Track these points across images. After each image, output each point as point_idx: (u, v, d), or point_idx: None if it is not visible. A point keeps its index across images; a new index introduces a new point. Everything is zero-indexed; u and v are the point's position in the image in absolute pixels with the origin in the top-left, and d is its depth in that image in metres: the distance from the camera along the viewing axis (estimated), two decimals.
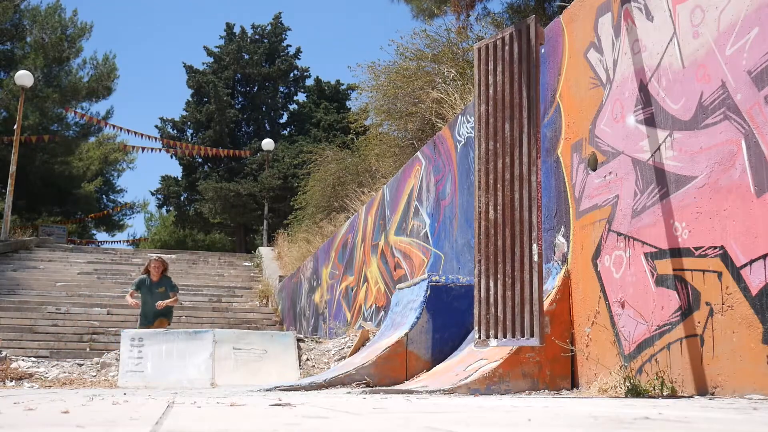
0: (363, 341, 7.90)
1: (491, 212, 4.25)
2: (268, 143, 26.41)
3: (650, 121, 4.10)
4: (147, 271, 9.67)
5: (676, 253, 3.81)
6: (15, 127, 20.95)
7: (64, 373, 8.29)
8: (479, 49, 4.49)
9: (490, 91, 4.38)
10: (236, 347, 8.53)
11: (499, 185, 4.24)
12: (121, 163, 35.92)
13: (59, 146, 29.74)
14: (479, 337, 4.26)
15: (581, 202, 4.74)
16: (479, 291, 4.27)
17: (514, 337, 4.05)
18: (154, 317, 9.43)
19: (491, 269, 4.21)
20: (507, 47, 4.33)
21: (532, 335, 3.96)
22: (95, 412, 2.51)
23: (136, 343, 8.40)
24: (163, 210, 39.30)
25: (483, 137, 4.37)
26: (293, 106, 35.11)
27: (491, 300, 4.19)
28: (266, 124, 34.50)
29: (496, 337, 4.15)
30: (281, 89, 34.83)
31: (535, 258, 3.98)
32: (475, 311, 4.28)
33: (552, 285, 4.84)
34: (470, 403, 3.16)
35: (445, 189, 7.48)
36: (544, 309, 4.09)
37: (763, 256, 3.25)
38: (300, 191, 18.16)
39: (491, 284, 4.20)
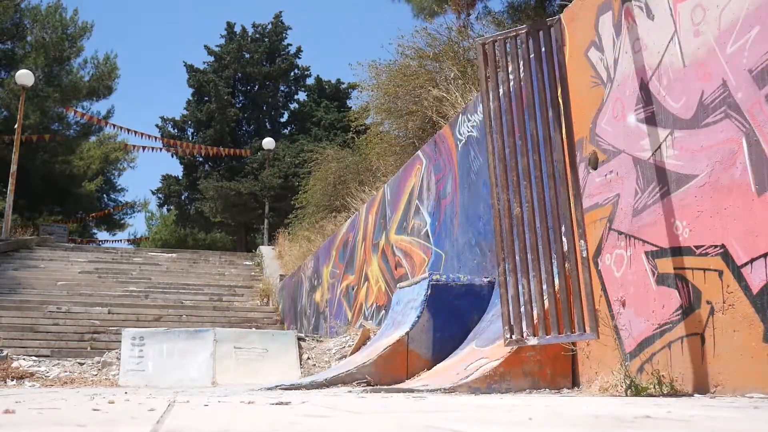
0: (364, 340, 7.90)
1: (516, 209, 4.19)
2: (268, 142, 26.40)
3: (651, 120, 4.09)
4: None
5: (677, 251, 3.81)
6: (16, 126, 20.95)
7: (65, 372, 8.29)
8: (484, 45, 4.46)
9: (503, 88, 4.34)
10: (237, 346, 8.53)
11: (524, 182, 4.18)
12: (122, 163, 35.89)
13: (60, 145, 29.75)
14: (511, 337, 4.16)
15: (582, 200, 4.73)
16: (506, 290, 4.19)
17: (561, 333, 3.97)
18: None
19: (521, 267, 4.14)
20: (524, 45, 4.29)
21: (585, 330, 3.89)
22: (96, 411, 2.51)
23: (137, 342, 8.41)
24: (164, 209, 39.31)
25: (498, 134, 4.31)
26: (294, 105, 35.11)
27: (525, 298, 4.10)
28: (267, 123, 34.50)
29: (535, 335, 4.06)
30: (282, 88, 34.83)
31: (584, 253, 3.92)
32: (503, 311, 4.18)
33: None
34: (471, 402, 3.16)
35: (445, 188, 7.48)
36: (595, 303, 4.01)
37: (764, 255, 3.25)
38: (301, 190, 18.15)
39: (523, 282, 4.12)
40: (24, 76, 20.82)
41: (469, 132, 6.92)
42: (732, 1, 3.54)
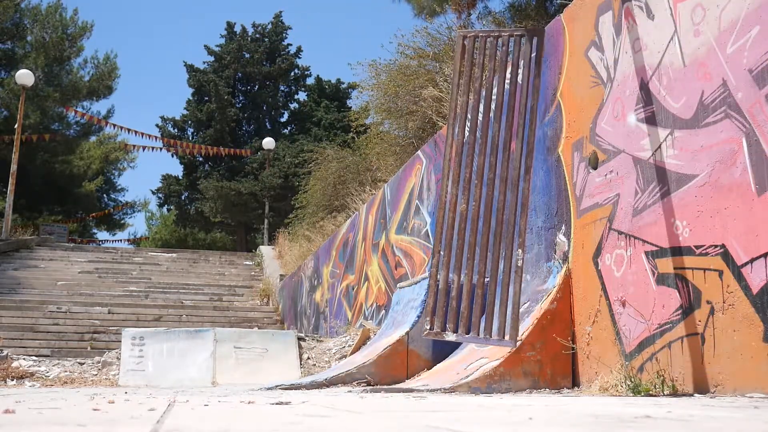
0: (364, 340, 7.90)
1: (462, 205, 4.19)
2: (268, 142, 26.40)
3: (651, 120, 4.09)
4: None
5: (677, 251, 3.81)
6: (16, 126, 20.95)
7: (66, 372, 8.30)
8: (464, 38, 4.45)
9: (476, 84, 4.34)
10: (237, 346, 8.54)
11: (476, 180, 4.18)
12: (122, 162, 35.91)
13: (60, 145, 29.75)
14: (431, 329, 4.15)
15: (582, 200, 4.74)
16: (436, 281, 4.19)
17: (479, 335, 3.98)
18: None
19: (456, 262, 4.14)
20: (504, 47, 4.30)
21: (504, 337, 3.91)
22: (96, 411, 2.51)
23: (137, 342, 8.41)
24: (164, 209, 39.32)
25: (460, 128, 4.30)
26: (294, 105, 35.13)
27: (452, 293, 4.10)
28: (267, 123, 34.51)
29: (455, 331, 4.06)
30: (282, 88, 34.84)
31: (519, 263, 3.94)
32: (429, 301, 4.17)
33: (553, 283, 4.84)
34: (471, 402, 3.16)
35: None
36: (519, 315, 4.03)
37: (764, 255, 3.25)
38: (301, 190, 18.16)
39: (453, 277, 4.12)
40: (24, 76, 20.82)
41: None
42: (732, 1, 3.54)
